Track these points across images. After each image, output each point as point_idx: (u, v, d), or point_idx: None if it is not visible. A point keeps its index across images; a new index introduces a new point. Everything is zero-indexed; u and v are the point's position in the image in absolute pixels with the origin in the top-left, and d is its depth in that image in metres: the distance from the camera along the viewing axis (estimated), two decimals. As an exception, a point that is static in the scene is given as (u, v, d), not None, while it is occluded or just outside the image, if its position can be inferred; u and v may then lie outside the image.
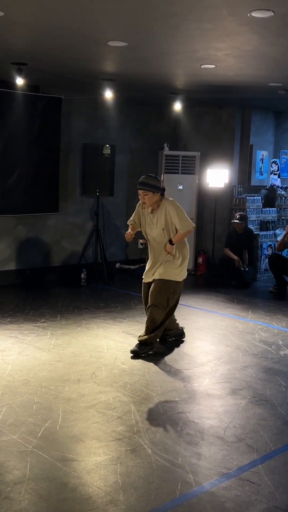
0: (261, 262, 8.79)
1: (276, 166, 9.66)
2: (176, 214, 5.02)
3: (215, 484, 3.02)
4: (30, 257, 7.98)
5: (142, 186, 5.00)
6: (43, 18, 4.34)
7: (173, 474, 3.11)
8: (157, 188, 5.00)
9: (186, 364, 4.92)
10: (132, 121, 8.98)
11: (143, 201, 5.03)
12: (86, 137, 8.33)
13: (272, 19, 4.07)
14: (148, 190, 4.98)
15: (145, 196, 4.99)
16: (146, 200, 5.01)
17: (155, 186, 5.00)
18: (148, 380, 4.48)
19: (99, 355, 5.04)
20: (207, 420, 3.79)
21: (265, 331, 5.97)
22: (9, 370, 4.58)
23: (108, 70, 6.37)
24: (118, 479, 3.03)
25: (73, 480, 3.00)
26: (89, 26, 4.54)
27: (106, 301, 7.05)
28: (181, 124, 9.57)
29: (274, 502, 2.89)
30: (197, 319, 6.37)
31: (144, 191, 4.98)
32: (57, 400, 4.01)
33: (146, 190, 4.98)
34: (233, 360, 5.02)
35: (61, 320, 6.12)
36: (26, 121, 7.54)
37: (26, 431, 3.53)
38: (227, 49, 5.10)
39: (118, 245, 9.11)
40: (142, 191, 4.99)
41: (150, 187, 4.98)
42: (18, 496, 2.83)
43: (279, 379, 4.60)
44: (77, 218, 8.49)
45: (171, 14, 4.11)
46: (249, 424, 3.77)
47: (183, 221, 5.03)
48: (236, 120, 8.90)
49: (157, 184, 5.02)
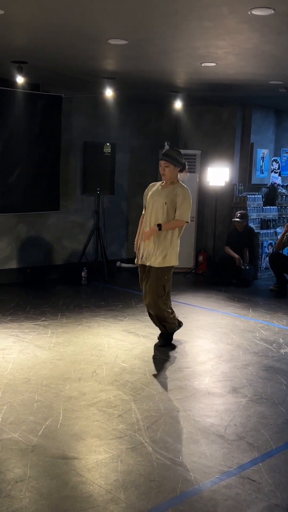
0: (261, 261, 8.79)
1: (277, 164, 9.66)
2: (182, 200, 5.00)
3: (215, 482, 3.03)
4: (31, 256, 7.98)
5: (165, 157, 5.03)
6: (44, 16, 4.33)
7: (173, 472, 3.11)
8: (179, 162, 5.02)
9: (186, 362, 4.92)
10: (132, 120, 8.98)
11: (163, 172, 5.03)
12: (86, 136, 8.32)
13: (272, 17, 4.06)
14: (170, 162, 4.99)
15: (166, 168, 5.00)
16: (166, 172, 5.01)
17: (178, 160, 5.02)
18: (149, 378, 4.48)
19: (100, 353, 5.04)
20: (208, 418, 3.79)
21: (266, 330, 5.97)
22: (10, 368, 4.58)
23: (109, 68, 6.36)
24: (119, 477, 3.03)
25: (74, 478, 3.00)
26: (90, 24, 4.53)
27: (106, 300, 7.05)
28: (181, 123, 9.57)
29: (274, 500, 2.89)
30: (197, 318, 6.37)
31: (166, 162, 5.00)
32: (58, 399, 4.02)
33: (168, 161, 4.99)
34: (233, 359, 5.03)
35: (61, 318, 6.12)
36: (27, 119, 7.54)
37: (27, 429, 3.53)
38: (227, 47, 5.10)
39: (118, 244, 9.11)
40: (164, 162, 5.01)
41: (173, 160, 5.00)
42: (19, 494, 2.84)
43: (279, 377, 4.60)
44: (78, 216, 8.49)
45: (171, 12, 4.10)
46: (250, 422, 3.77)
47: (183, 210, 5.00)
48: (236, 118, 8.89)
49: (180, 159, 5.04)
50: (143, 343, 5.37)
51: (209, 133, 9.21)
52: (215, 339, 5.61)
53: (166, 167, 5.01)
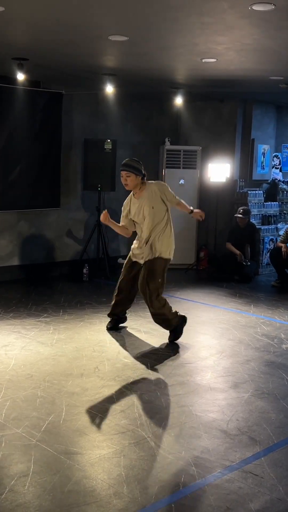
0: (263, 257, 8.79)
1: (278, 160, 9.65)
2: (164, 191, 5.18)
3: (218, 477, 3.04)
4: (33, 253, 7.99)
5: (126, 167, 5.14)
6: (44, 13, 4.33)
7: (176, 467, 3.13)
8: (139, 171, 5.14)
9: (188, 358, 4.93)
10: (133, 116, 8.97)
11: (125, 182, 5.16)
12: (87, 132, 8.32)
13: (273, 12, 4.06)
14: (131, 171, 5.11)
15: (127, 178, 5.13)
16: (128, 182, 5.14)
17: (138, 169, 5.14)
18: (151, 374, 4.49)
19: (102, 349, 5.06)
20: (210, 413, 3.81)
21: (267, 325, 5.98)
22: (13, 364, 4.60)
23: (109, 65, 6.36)
24: (121, 472, 3.04)
25: (77, 473, 3.02)
26: (90, 21, 4.53)
27: (108, 296, 7.05)
28: (182, 119, 9.56)
29: (277, 494, 2.90)
30: (199, 313, 6.38)
31: (127, 172, 5.11)
32: (61, 394, 4.03)
33: (129, 171, 5.11)
34: (235, 354, 5.04)
35: (63, 315, 6.13)
36: (27, 116, 7.54)
37: (30, 425, 3.55)
38: (228, 43, 5.09)
39: (120, 241, 9.12)
40: (125, 172, 5.12)
41: (133, 169, 5.12)
42: (23, 489, 2.86)
43: (281, 372, 4.62)
44: (79, 213, 8.49)
45: (171, 8, 4.10)
46: (252, 417, 3.79)
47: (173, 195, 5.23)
48: (237, 114, 8.88)
49: (139, 168, 5.16)
50: (145, 339, 5.39)
51: (209, 129, 9.20)
52: (216, 335, 5.62)
53: (127, 177, 5.12)
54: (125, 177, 5.13)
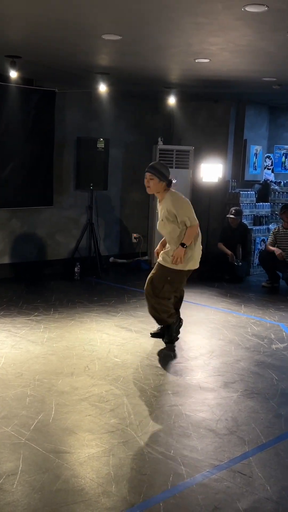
0: (254, 257, 8.82)
1: (270, 161, 9.68)
2: (178, 209, 4.88)
3: (206, 476, 3.05)
4: (24, 251, 7.97)
5: (150, 169, 4.95)
6: (37, 11, 4.32)
7: (165, 466, 3.14)
8: (164, 176, 4.93)
9: (179, 357, 4.94)
10: (126, 115, 8.97)
11: (147, 185, 4.96)
12: (80, 131, 8.31)
13: (266, 13, 4.07)
14: (155, 174, 4.91)
15: (150, 180, 4.93)
16: (150, 185, 4.94)
17: (163, 174, 4.93)
18: (141, 373, 4.50)
19: (93, 348, 5.06)
20: (199, 413, 3.82)
21: (258, 325, 6.01)
22: (2, 363, 4.59)
23: (102, 64, 6.35)
24: (110, 471, 3.05)
25: (66, 472, 3.02)
26: (83, 19, 4.52)
27: (99, 295, 7.06)
28: (175, 118, 9.57)
29: (265, 493, 2.92)
30: (190, 313, 6.39)
31: (151, 174, 4.92)
32: (50, 393, 4.03)
33: (153, 174, 4.91)
34: (225, 354, 5.05)
35: (54, 313, 6.13)
36: (20, 114, 7.52)
37: (19, 423, 3.55)
38: (221, 44, 5.10)
39: (111, 239, 9.12)
40: (149, 174, 4.93)
41: (158, 173, 4.91)
42: (11, 487, 2.85)
43: (271, 372, 4.64)
44: (71, 212, 8.48)
45: (165, 8, 4.10)
46: (241, 416, 3.80)
47: (186, 217, 4.87)
48: (230, 114, 8.90)
49: (165, 173, 4.95)
50: (136, 338, 5.39)
51: (202, 129, 9.22)
52: (207, 335, 5.64)
53: (151, 179, 4.93)
54: (148, 179, 4.93)
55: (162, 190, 4.98)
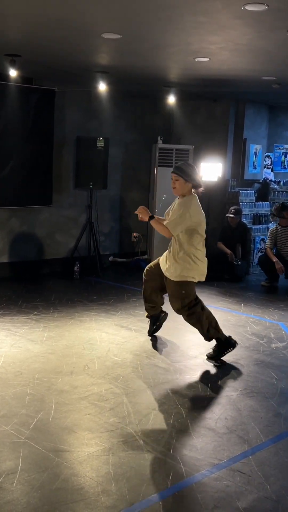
0: (254, 256, 8.82)
1: (269, 160, 9.68)
2: (178, 210, 4.74)
3: (206, 475, 3.05)
4: (24, 250, 7.97)
5: (176, 170, 4.81)
6: (37, 9, 4.31)
7: (164, 465, 3.14)
8: (190, 177, 4.77)
9: (178, 356, 4.94)
10: (126, 114, 8.97)
11: (173, 186, 4.81)
12: (79, 130, 8.31)
13: (266, 12, 4.07)
14: (180, 175, 4.76)
15: (176, 181, 4.78)
16: (176, 186, 4.78)
17: (189, 175, 4.77)
18: (141, 372, 4.50)
19: (92, 347, 5.06)
20: (199, 412, 3.82)
21: (257, 324, 6.01)
22: (2, 362, 4.59)
23: (102, 63, 6.35)
24: (110, 470, 3.05)
25: (66, 471, 3.02)
26: (83, 18, 4.52)
27: (99, 294, 7.06)
28: (175, 118, 9.57)
29: (264, 492, 2.92)
30: (189, 312, 6.39)
31: (177, 175, 4.77)
32: (50, 392, 4.03)
33: (178, 174, 4.76)
34: (225, 353, 5.05)
35: (54, 312, 6.13)
36: (20, 113, 7.51)
37: (19, 422, 3.55)
38: (221, 43, 5.10)
39: (111, 238, 9.12)
40: (175, 175, 4.78)
41: (183, 173, 4.76)
42: (11, 486, 2.85)
43: (270, 371, 4.64)
44: (71, 211, 8.48)
45: (165, 7, 4.10)
46: (241, 415, 3.80)
47: (172, 219, 4.72)
48: (230, 113, 8.90)
49: (192, 174, 4.79)
50: (135, 337, 5.39)
51: (202, 128, 9.21)
52: (206, 334, 5.63)
53: (176, 180, 4.78)
54: (174, 180, 4.79)
55: (189, 192, 4.82)
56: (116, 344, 5.17)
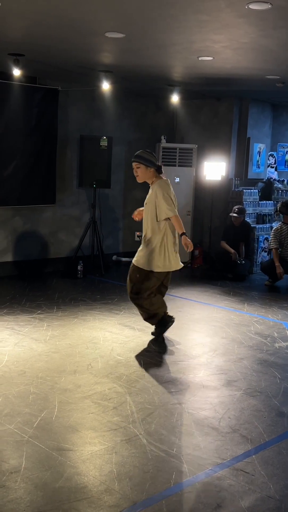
0: (257, 255, 8.82)
1: (273, 159, 9.66)
2: (158, 198, 4.96)
3: (209, 474, 3.05)
4: (27, 249, 7.98)
5: (135, 158, 5.06)
6: (41, 8, 4.32)
7: (167, 464, 3.14)
8: (150, 162, 5.02)
9: (181, 355, 4.94)
10: (129, 113, 8.97)
11: (136, 174, 5.08)
12: (83, 129, 8.31)
13: (269, 11, 4.06)
14: (140, 162, 5.01)
15: (137, 169, 5.04)
16: (138, 173, 5.06)
17: (149, 160, 5.02)
18: (144, 371, 4.50)
19: (95, 346, 5.06)
20: (202, 411, 3.82)
21: (261, 324, 6.00)
22: (5, 361, 4.59)
23: (106, 62, 6.35)
24: (113, 469, 3.05)
25: (69, 470, 3.03)
26: (87, 17, 4.52)
27: (102, 293, 7.07)
28: (178, 116, 9.56)
29: (267, 491, 2.92)
30: (193, 311, 6.39)
31: (137, 163, 5.03)
32: (53, 391, 4.03)
33: (138, 162, 5.02)
34: (228, 352, 5.05)
35: (57, 311, 6.13)
36: (23, 112, 7.52)
37: (22, 421, 3.55)
38: (224, 41, 5.10)
39: (114, 238, 9.12)
40: (135, 163, 5.04)
41: (143, 160, 5.01)
42: (14, 485, 2.86)
43: (273, 371, 4.63)
44: (74, 210, 8.49)
45: (168, 5, 4.10)
46: (244, 415, 3.80)
47: (162, 208, 4.94)
48: (233, 112, 8.89)
49: (151, 159, 5.04)
50: (138, 336, 5.39)
51: (206, 127, 9.21)
52: (210, 333, 5.64)
53: (137, 168, 5.04)
54: (135, 168, 5.06)
55: (153, 177, 5.06)
56: (119, 343, 5.17)
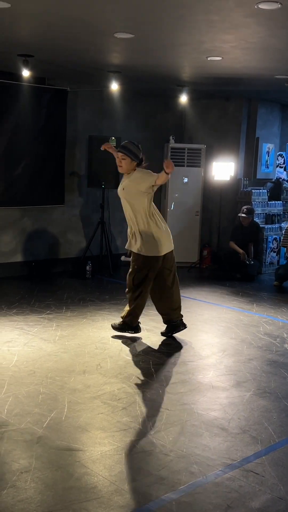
0: (266, 256, 8.79)
1: (282, 159, 9.63)
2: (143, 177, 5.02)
3: (219, 475, 3.05)
4: (36, 249, 8.00)
5: (123, 150, 5.08)
6: (50, 9, 4.33)
7: (177, 464, 3.14)
8: (136, 157, 5.07)
9: (190, 356, 4.93)
10: (138, 113, 8.97)
11: (120, 164, 5.10)
12: (92, 129, 8.33)
13: (279, 11, 4.05)
14: (127, 155, 5.04)
15: (123, 160, 5.06)
16: (123, 164, 5.08)
17: (135, 154, 5.07)
18: (153, 372, 4.50)
19: (104, 346, 5.06)
20: (212, 412, 3.81)
21: (270, 324, 5.98)
22: (15, 361, 4.61)
23: (114, 62, 6.36)
24: (123, 469, 3.05)
25: (79, 470, 3.03)
26: (96, 18, 4.53)
27: (111, 293, 7.08)
28: (187, 117, 9.55)
29: (277, 493, 2.91)
30: (201, 312, 6.38)
31: (123, 154, 5.05)
32: (63, 391, 4.04)
33: (125, 154, 5.05)
34: (237, 353, 5.04)
35: (66, 312, 6.14)
36: (32, 113, 7.54)
37: (32, 421, 3.56)
38: (233, 41, 5.08)
39: (123, 238, 9.11)
40: (121, 154, 5.05)
41: (130, 153, 5.05)
42: (24, 484, 2.87)
43: (283, 371, 4.62)
44: (83, 210, 8.50)
45: (177, 5, 4.09)
46: (253, 416, 3.79)
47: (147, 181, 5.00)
48: (242, 112, 8.87)
49: (137, 153, 5.09)
50: (147, 337, 5.39)
51: (214, 127, 9.19)
52: (219, 333, 5.63)
53: (123, 159, 5.06)
54: (121, 159, 5.07)
55: (133, 169, 5.11)
56: (128, 343, 5.17)
